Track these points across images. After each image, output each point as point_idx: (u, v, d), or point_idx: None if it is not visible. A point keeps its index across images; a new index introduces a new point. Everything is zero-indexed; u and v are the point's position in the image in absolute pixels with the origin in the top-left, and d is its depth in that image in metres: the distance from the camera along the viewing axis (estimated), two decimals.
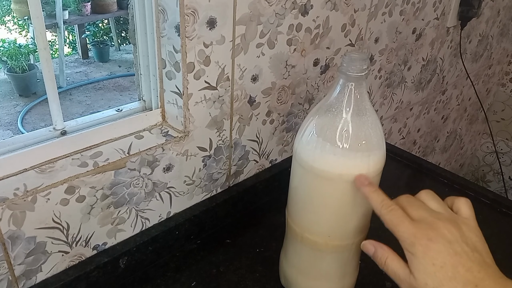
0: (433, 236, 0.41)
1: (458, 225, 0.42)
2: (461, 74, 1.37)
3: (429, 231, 0.41)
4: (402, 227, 0.42)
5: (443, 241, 0.40)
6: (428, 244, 0.40)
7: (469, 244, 0.41)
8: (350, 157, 0.47)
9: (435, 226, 0.41)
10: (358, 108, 0.47)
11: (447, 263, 0.40)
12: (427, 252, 0.40)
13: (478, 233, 0.43)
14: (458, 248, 0.40)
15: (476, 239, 0.42)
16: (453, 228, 0.42)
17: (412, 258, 0.41)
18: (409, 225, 0.42)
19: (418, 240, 0.41)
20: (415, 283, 0.41)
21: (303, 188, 0.52)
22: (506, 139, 1.88)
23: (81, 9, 3.34)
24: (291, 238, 0.57)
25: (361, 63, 0.46)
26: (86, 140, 0.56)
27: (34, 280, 0.54)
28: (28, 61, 3.08)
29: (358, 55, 0.46)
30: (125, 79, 3.51)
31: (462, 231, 0.42)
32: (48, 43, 0.50)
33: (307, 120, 0.51)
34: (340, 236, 0.52)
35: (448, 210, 0.45)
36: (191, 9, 0.53)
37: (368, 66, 0.47)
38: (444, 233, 0.41)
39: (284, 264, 0.60)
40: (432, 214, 0.43)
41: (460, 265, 0.40)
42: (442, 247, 0.40)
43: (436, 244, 0.40)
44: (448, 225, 0.42)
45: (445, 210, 0.45)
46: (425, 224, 0.42)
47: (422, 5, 0.97)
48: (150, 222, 0.64)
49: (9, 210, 0.48)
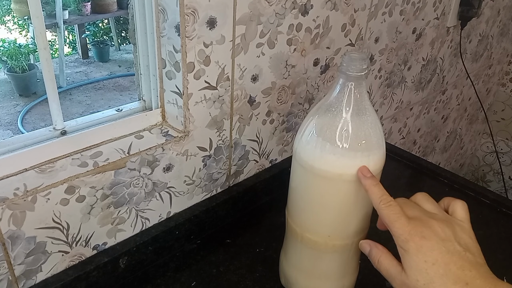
0: (427, 234, 0.41)
1: (452, 225, 0.43)
2: (461, 74, 1.37)
3: (423, 229, 0.42)
4: (398, 223, 0.42)
5: (436, 239, 0.41)
6: (421, 241, 0.41)
7: (462, 244, 0.42)
8: (350, 157, 0.47)
9: (429, 224, 0.42)
10: (358, 107, 0.47)
11: (439, 261, 0.40)
12: (420, 249, 0.41)
13: (472, 235, 0.44)
14: (450, 246, 0.41)
15: (469, 240, 0.43)
16: (446, 228, 0.42)
17: (404, 255, 0.42)
18: (405, 222, 0.42)
19: (411, 237, 0.41)
20: (407, 279, 0.41)
21: (303, 188, 0.52)
22: (506, 139, 1.88)
23: (81, 9, 3.33)
24: (291, 237, 0.57)
25: (361, 62, 0.46)
26: (86, 140, 0.56)
27: (34, 280, 0.54)
28: (28, 61, 3.07)
29: (358, 54, 0.46)
30: (125, 79, 3.51)
31: (455, 231, 0.42)
32: (48, 43, 0.50)
33: (307, 120, 0.51)
34: (340, 236, 0.52)
35: (442, 212, 0.46)
36: (191, 9, 0.53)
37: (368, 65, 0.47)
38: (437, 231, 0.42)
39: (284, 264, 0.60)
40: (427, 214, 0.44)
41: (452, 263, 0.40)
42: (434, 244, 0.41)
43: (429, 241, 0.41)
44: (441, 224, 0.42)
45: (440, 212, 0.45)
46: (419, 222, 0.42)
47: (422, 5, 0.97)
48: (150, 222, 0.64)
49: (9, 210, 0.48)
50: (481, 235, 0.46)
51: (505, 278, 0.59)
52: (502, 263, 0.68)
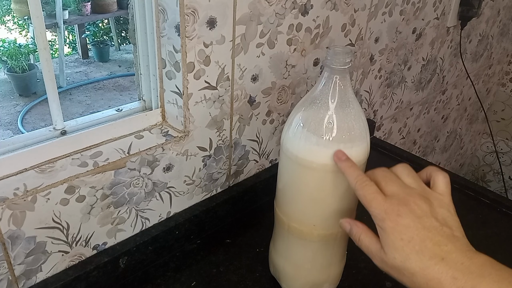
0: (402, 212, 0.41)
1: (429, 200, 0.43)
2: (461, 74, 1.37)
3: (399, 207, 0.42)
4: (374, 203, 0.43)
5: (411, 216, 0.41)
6: (397, 219, 0.41)
7: (439, 219, 0.42)
8: (334, 148, 0.48)
9: (406, 202, 0.42)
10: (342, 100, 0.49)
11: (415, 238, 0.40)
12: (396, 227, 0.41)
13: (450, 208, 0.44)
14: (427, 222, 0.41)
15: (447, 214, 0.43)
16: (423, 204, 0.42)
17: (382, 234, 0.42)
18: (381, 201, 0.43)
19: (388, 215, 0.42)
20: (385, 257, 0.42)
21: (289, 178, 0.54)
22: (506, 139, 1.88)
23: (81, 9, 3.33)
24: (278, 227, 0.58)
25: (344, 56, 0.47)
26: (86, 140, 0.56)
27: (34, 280, 0.54)
28: (28, 61, 3.07)
29: (342, 48, 0.48)
30: (125, 79, 3.51)
31: (432, 206, 0.43)
32: (48, 43, 0.50)
33: (293, 112, 0.52)
34: (325, 226, 0.53)
35: (422, 186, 0.46)
36: (191, 9, 0.53)
37: (351, 59, 0.48)
38: (413, 208, 0.42)
39: (272, 253, 0.61)
40: (405, 190, 0.44)
41: (427, 239, 0.40)
42: (410, 222, 0.41)
43: (404, 219, 0.41)
44: (418, 200, 0.42)
45: (419, 186, 0.45)
46: (396, 199, 0.43)
47: (422, 5, 0.97)
48: (150, 222, 0.64)
49: (9, 210, 0.48)
50: (481, 235, 0.46)
51: None
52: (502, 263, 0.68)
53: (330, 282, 0.60)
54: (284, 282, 0.60)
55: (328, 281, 0.59)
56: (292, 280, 0.59)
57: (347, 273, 0.63)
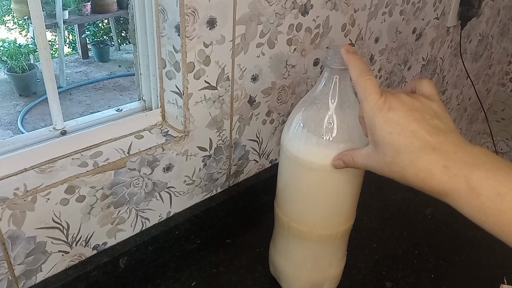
0: (394, 105, 0.40)
1: (419, 98, 0.42)
2: (461, 74, 1.37)
3: (392, 100, 0.41)
4: (371, 96, 0.41)
5: (402, 109, 0.40)
6: (388, 113, 0.40)
7: (430, 113, 0.41)
8: (333, 148, 0.48)
9: (397, 96, 0.41)
10: (342, 100, 0.48)
11: (405, 130, 0.39)
12: (386, 121, 0.40)
13: (441, 105, 0.43)
14: (418, 115, 0.40)
15: (438, 109, 0.42)
16: (414, 100, 0.42)
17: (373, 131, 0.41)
18: (377, 96, 0.41)
19: (380, 110, 0.41)
20: (377, 156, 0.41)
21: (289, 178, 0.54)
22: (506, 139, 1.88)
23: (81, 9, 3.34)
24: (278, 227, 0.58)
25: None
26: (86, 140, 0.56)
27: (34, 280, 0.54)
28: (28, 61, 3.07)
29: None
30: (125, 79, 3.51)
31: (422, 102, 0.42)
32: (48, 43, 0.50)
33: (293, 112, 0.52)
34: (325, 226, 0.53)
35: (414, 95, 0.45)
36: (191, 9, 0.53)
37: None
38: (405, 101, 0.41)
39: (272, 253, 0.61)
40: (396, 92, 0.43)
41: (418, 129, 0.39)
42: (401, 114, 0.40)
43: (395, 112, 0.40)
44: (410, 97, 0.42)
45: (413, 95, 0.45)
46: (390, 94, 0.42)
47: (422, 5, 0.97)
48: (150, 222, 0.64)
49: (9, 210, 0.48)
50: (481, 235, 0.46)
51: (505, 278, 0.59)
52: (502, 263, 0.68)
53: (330, 282, 0.60)
54: (284, 282, 0.60)
55: (328, 281, 0.59)
56: (292, 280, 0.59)
57: (347, 273, 0.63)
